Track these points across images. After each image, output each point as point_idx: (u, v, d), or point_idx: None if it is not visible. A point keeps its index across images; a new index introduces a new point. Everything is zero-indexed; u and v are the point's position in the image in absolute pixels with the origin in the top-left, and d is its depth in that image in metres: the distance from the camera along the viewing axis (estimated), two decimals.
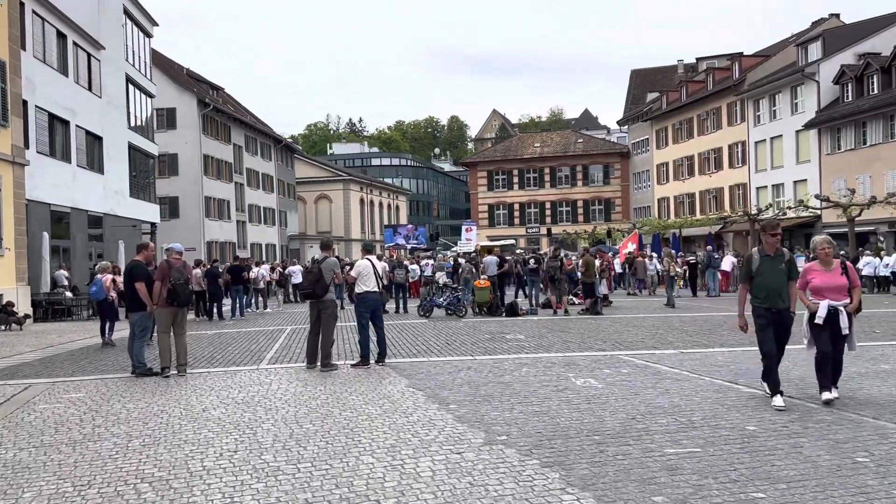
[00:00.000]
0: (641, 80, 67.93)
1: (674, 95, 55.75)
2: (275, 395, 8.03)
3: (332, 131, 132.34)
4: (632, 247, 29.44)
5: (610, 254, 29.08)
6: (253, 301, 24.17)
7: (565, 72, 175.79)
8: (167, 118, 45.13)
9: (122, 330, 16.73)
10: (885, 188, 33.64)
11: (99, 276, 14.40)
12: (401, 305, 20.70)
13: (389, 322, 16.71)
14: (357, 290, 10.07)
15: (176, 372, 9.79)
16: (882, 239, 34.18)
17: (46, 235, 23.16)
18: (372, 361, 10.01)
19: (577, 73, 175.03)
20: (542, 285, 20.62)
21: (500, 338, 13.17)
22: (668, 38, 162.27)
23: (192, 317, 21.21)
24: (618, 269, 25.83)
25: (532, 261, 20.58)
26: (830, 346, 6.77)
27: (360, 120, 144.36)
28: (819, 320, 6.75)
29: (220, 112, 47.93)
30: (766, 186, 44.12)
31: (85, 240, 27.73)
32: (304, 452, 5.54)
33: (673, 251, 32.05)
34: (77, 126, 26.88)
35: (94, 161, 28.79)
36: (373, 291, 9.94)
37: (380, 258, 19.64)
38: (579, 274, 19.31)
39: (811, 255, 7.63)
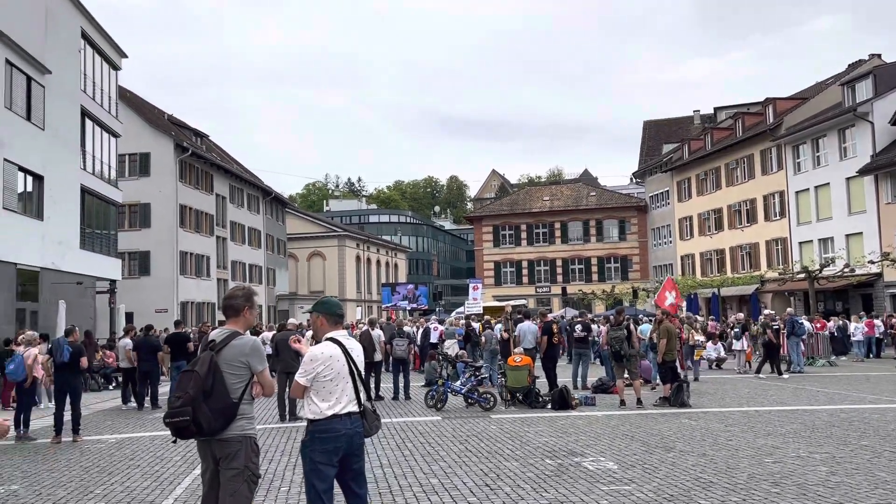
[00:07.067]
0: (655, 132, 63.90)
1: (696, 144, 51.33)
2: None
3: (330, 190, 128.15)
4: (671, 297, 22.54)
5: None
6: None
7: (558, 134, 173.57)
8: (140, 164, 40.35)
9: (41, 418, 11.93)
10: None
11: (20, 349, 11.44)
12: (401, 388, 15.08)
13: (384, 419, 11.16)
14: (308, 413, 4.45)
15: None
16: None
17: None
18: None
19: (571, 135, 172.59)
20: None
21: (573, 466, 7.70)
22: (653, 100, 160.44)
23: (118, 404, 15.73)
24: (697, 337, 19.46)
25: (579, 327, 15.24)
26: None
27: (360, 179, 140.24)
28: None
29: (201, 159, 43.16)
30: (810, 241, 38.98)
31: (11, 298, 22.40)
32: None
33: (691, 313, 26.62)
34: (6, 160, 21.91)
35: (31, 204, 23.77)
36: (344, 414, 4.41)
37: (373, 325, 14.28)
38: (648, 345, 13.97)
39: None
